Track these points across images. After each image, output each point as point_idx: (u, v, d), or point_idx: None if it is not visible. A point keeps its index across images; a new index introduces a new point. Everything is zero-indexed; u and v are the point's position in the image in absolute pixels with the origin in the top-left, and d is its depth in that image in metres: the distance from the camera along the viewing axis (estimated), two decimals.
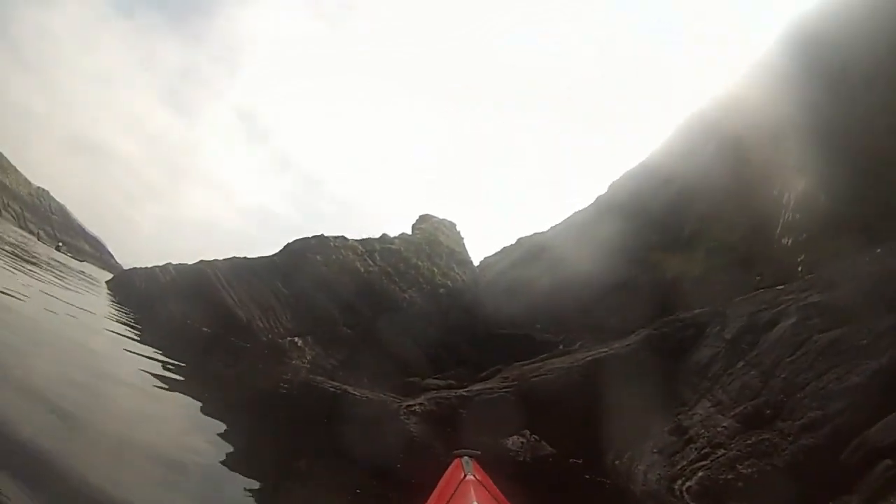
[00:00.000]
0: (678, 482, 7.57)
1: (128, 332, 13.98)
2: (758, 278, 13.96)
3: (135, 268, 30.99)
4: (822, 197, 13.66)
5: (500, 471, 6.08)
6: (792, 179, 14.75)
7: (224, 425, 7.56)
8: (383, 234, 29.57)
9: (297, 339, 21.93)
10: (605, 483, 8.68)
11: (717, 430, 7.69)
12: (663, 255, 19.31)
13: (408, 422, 10.79)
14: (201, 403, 8.31)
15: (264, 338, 21.64)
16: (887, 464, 5.61)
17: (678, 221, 19.98)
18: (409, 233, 31.37)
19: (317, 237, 26.52)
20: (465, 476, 4.61)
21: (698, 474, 7.27)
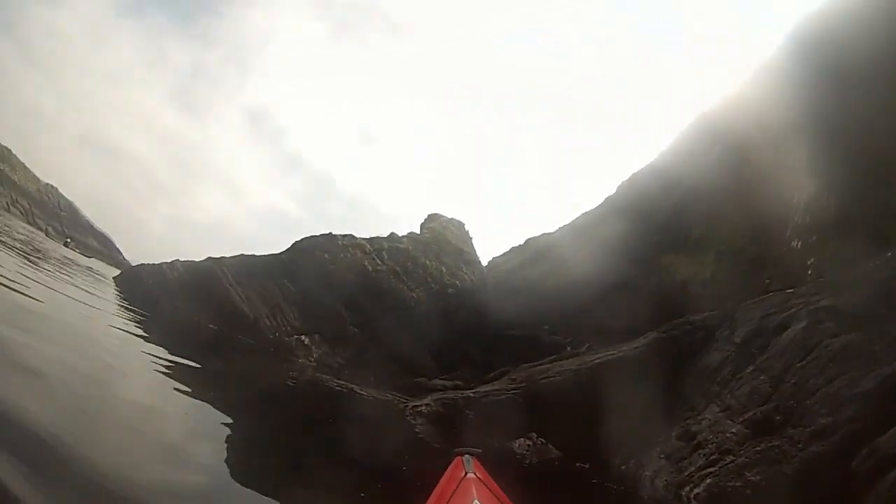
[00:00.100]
0: (685, 489, 7.50)
1: (134, 327, 14.00)
2: (767, 281, 13.88)
3: (142, 264, 30.96)
4: (831, 200, 13.58)
5: (506, 473, 6.05)
6: (801, 182, 14.65)
7: (229, 422, 7.55)
8: (391, 233, 29.54)
9: (303, 337, 21.93)
10: (611, 488, 8.62)
11: (726, 435, 7.62)
12: (672, 257, 19.23)
13: (414, 422, 10.76)
14: (206, 400, 8.31)
15: (271, 336, 21.66)
16: None
17: (687, 224, 19.89)
18: (418, 232, 31.34)
19: (325, 235, 26.51)
20: (465, 474, 4.62)
21: (706, 481, 7.20)
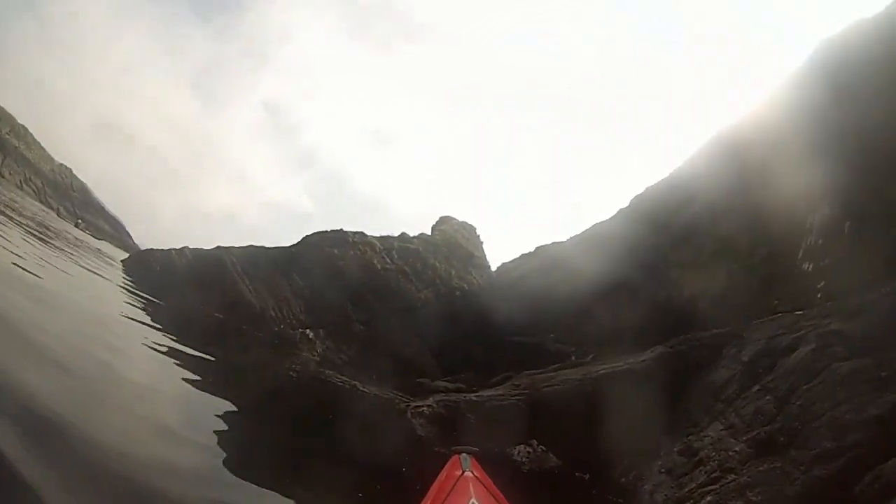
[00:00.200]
0: None
1: (139, 311, 14.07)
2: (775, 302, 13.80)
3: (151, 249, 31.12)
4: (845, 224, 13.50)
5: (504, 479, 6.04)
6: (815, 205, 14.58)
7: (229, 414, 7.58)
8: (402, 233, 29.63)
9: (308, 331, 21.99)
10: (610, 500, 8.58)
11: (729, 454, 7.57)
12: (682, 272, 19.15)
13: (415, 423, 10.76)
14: (208, 390, 8.35)
15: (276, 328, 21.73)
16: None
17: (699, 240, 19.81)
18: (429, 233, 31.41)
19: (335, 231, 26.61)
20: (463, 472, 4.67)
21: (706, 498, 7.14)
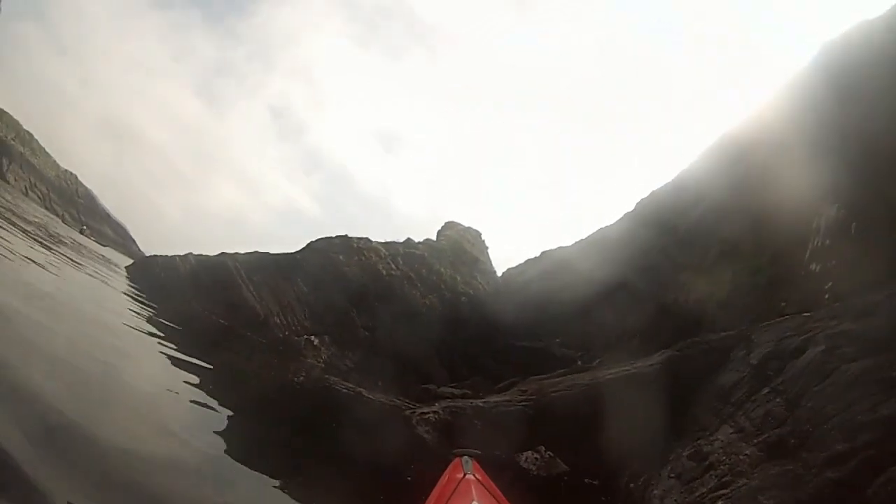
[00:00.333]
0: None
1: (143, 317, 14.05)
2: (783, 304, 13.71)
3: (155, 255, 31.29)
4: (851, 224, 13.42)
5: (511, 486, 5.99)
6: (822, 206, 14.50)
7: (232, 419, 7.54)
8: (408, 238, 29.62)
9: (313, 337, 21.96)
10: None
11: (740, 457, 7.48)
12: (689, 275, 19.06)
13: (420, 429, 10.70)
14: (211, 394, 8.30)
15: (280, 334, 21.72)
16: None
17: (705, 243, 19.73)
18: (434, 239, 31.41)
19: (340, 237, 26.62)
20: (465, 475, 4.67)
21: (718, 503, 7.08)
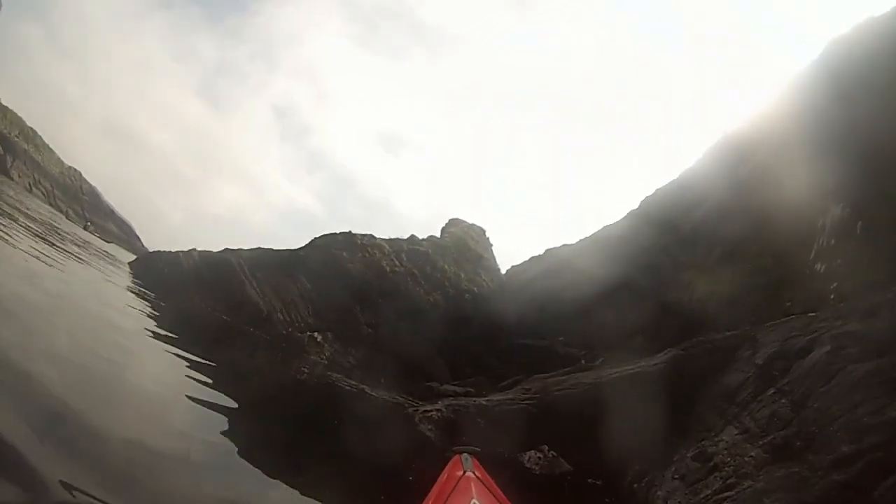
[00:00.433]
0: None
1: (146, 313, 14.05)
2: (788, 304, 13.69)
3: (158, 251, 31.30)
4: (856, 224, 13.39)
5: (514, 486, 5.96)
6: (826, 206, 14.48)
7: (234, 415, 7.53)
8: (411, 236, 29.59)
9: (316, 334, 21.95)
10: None
11: (745, 459, 7.43)
12: (693, 274, 19.03)
13: (423, 427, 10.68)
14: (213, 391, 8.29)
15: (283, 331, 21.72)
16: None
17: (709, 242, 19.70)
18: (438, 236, 31.35)
19: (344, 234, 26.60)
20: (464, 473, 4.65)
21: None
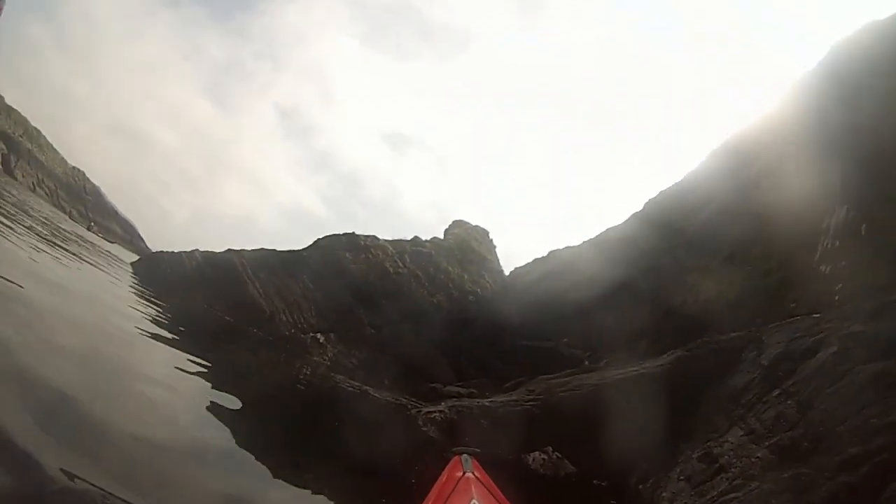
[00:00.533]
0: None
1: (148, 314, 14.05)
2: (792, 305, 13.63)
3: (161, 251, 31.36)
4: (861, 226, 13.34)
5: (519, 487, 5.94)
6: (831, 207, 14.42)
7: (236, 415, 7.51)
8: (415, 237, 29.59)
9: (319, 335, 21.94)
10: None
11: (751, 460, 7.38)
12: (697, 276, 18.98)
13: (426, 428, 10.65)
14: (215, 391, 8.28)
15: (286, 332, 21.72)
16: None
17: (714, 244, 19.65)
18: (442, 237, 31.35)
19: (347, 234, 26.61)
20: (464, 473, 4.66)
21: None
